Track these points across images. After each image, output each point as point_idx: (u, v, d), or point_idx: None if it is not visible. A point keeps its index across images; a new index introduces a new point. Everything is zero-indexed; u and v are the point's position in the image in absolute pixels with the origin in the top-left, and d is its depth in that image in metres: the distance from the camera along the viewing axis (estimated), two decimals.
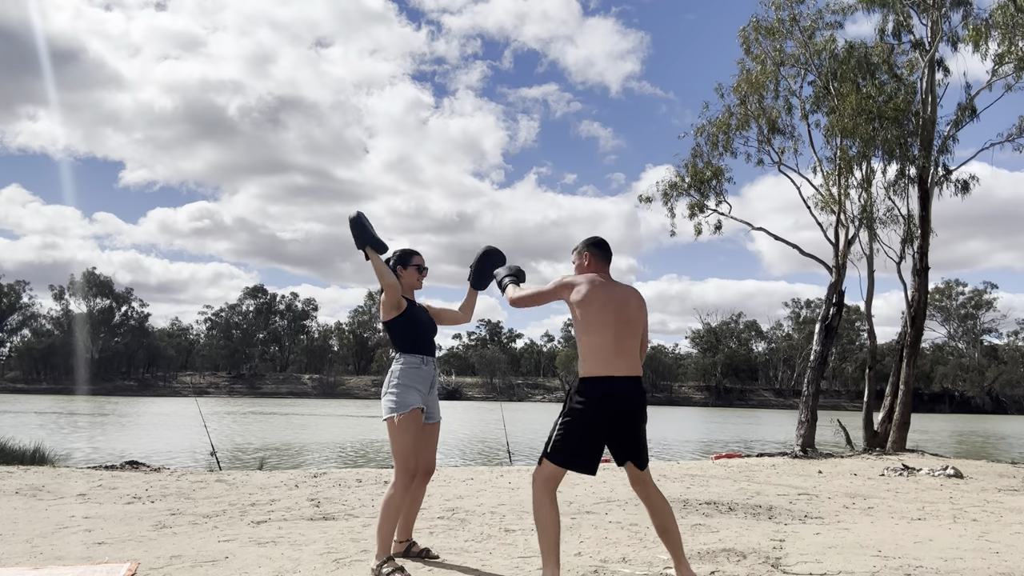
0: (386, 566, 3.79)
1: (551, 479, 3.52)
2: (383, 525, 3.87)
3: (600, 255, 3.79)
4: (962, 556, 4.61)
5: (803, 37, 15.04)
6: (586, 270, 3.77)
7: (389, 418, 3.93)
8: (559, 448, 3.51)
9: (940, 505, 7.04)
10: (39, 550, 4.41)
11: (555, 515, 3.50)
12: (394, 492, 3.87)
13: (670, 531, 3.61)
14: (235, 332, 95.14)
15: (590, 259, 3.78)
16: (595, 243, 3.82)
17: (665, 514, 3.61)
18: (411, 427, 3.91)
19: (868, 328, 16.07)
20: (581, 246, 3.84)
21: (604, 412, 3.50)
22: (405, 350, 4.04)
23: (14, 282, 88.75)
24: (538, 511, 3.49)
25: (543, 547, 3.48)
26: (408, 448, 3.89)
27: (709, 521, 5.76)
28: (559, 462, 3.51)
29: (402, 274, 4.22)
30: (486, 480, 8.39)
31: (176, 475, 8.45)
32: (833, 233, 14.77)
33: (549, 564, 3.46)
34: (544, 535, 3.47)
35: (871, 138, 14.20)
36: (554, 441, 3.53)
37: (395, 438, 3.91)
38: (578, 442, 3.50)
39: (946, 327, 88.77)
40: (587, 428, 3.49)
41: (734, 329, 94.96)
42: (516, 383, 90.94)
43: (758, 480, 8.95)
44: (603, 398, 3.49)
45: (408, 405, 3.91)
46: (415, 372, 4.00)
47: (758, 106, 15.45)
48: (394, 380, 3.99)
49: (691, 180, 15.81)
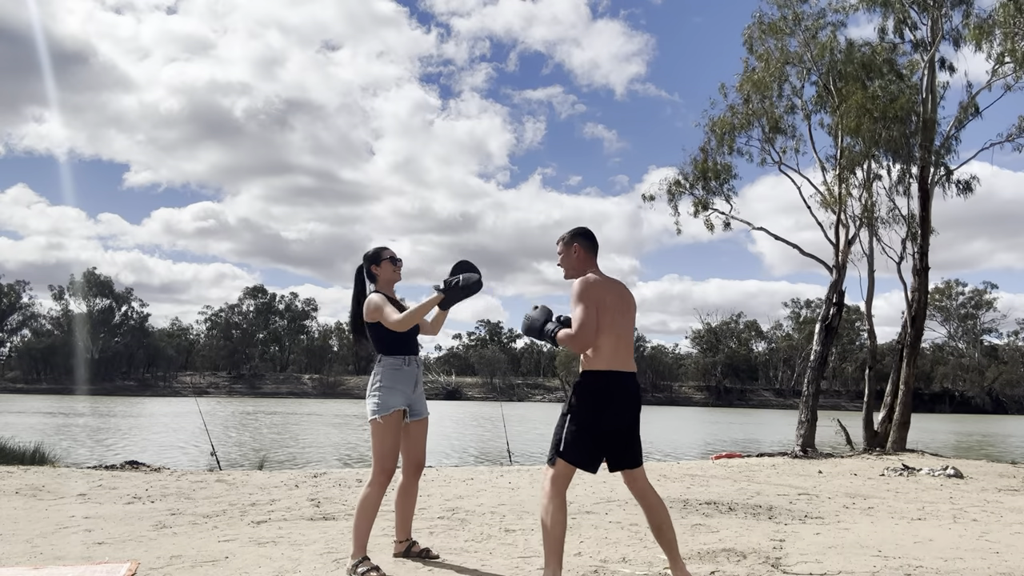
0: (361, 566, 3.82)
1: (564, 478, 3.51)
2: (359, 524, 3.90)
3: (589, 246, 3.71)
4: (962, 556, 4.61)
5: (805, 36, 15.03)
6: (577, 262, 3.69)
7: (373, 419, 3.96)
8: (571, 446, 3.49)
9: (940, 505, 7.04)
10: (39, 550, 4.40)
11: (565, 515, 3.50)
12: (371, 491, 3.91)
13: (664, 530, 3.59)
14: (235, 332, 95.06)
15: (580, 251, 3.70)
16: (583, 234, 3.73)
17: (660, 512, 3.58)
18: (393, 429, 3.95)
19: (868, 328, 16.07)
20: (568, 237, 3.73)
21: (611, 406, 3.50)
22: (387, 352, 4.05)
23: (14, 282, 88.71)
24: (550, 511, 3.46)
25: (549, 547, 3.46)
26: (387, 449, 3.93)
27: (709, 521, 5.76)
28: (572, 460, 3.50)
29: (378, 272, 4.21)
30: (486, 480, 8.39)
31: (176, 475, 8.45)
32: (833, 233, 14.76)
33: (552, 564, 3.45)
34: (551, 535, 3.46)
35: (874, 138, 14.21)
36: (565, 439, 3.50)
37: (377, 439, 3.95)
38: (588, 438, 3.49)
39: (946, 327, 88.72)
40: (596, 423, 3.48)
41: (734, 329, 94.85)
42: (516, 383, 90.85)
43: (758, 480, 8.94)
44: (610, 391, 3.49)
45: (390, 407, 3.94)
46: (397, 373, 4.02)
47: (760, 105, 15.45)
48: (376, 382, 4.01)
49: (696, 175, 15.79)
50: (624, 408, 3.52)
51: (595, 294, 3.50)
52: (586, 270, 3.65)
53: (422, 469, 4.23)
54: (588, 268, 3.67)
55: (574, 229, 3.74)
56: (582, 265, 3.68)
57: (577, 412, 3.50)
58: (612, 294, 3.57)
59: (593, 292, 3.50)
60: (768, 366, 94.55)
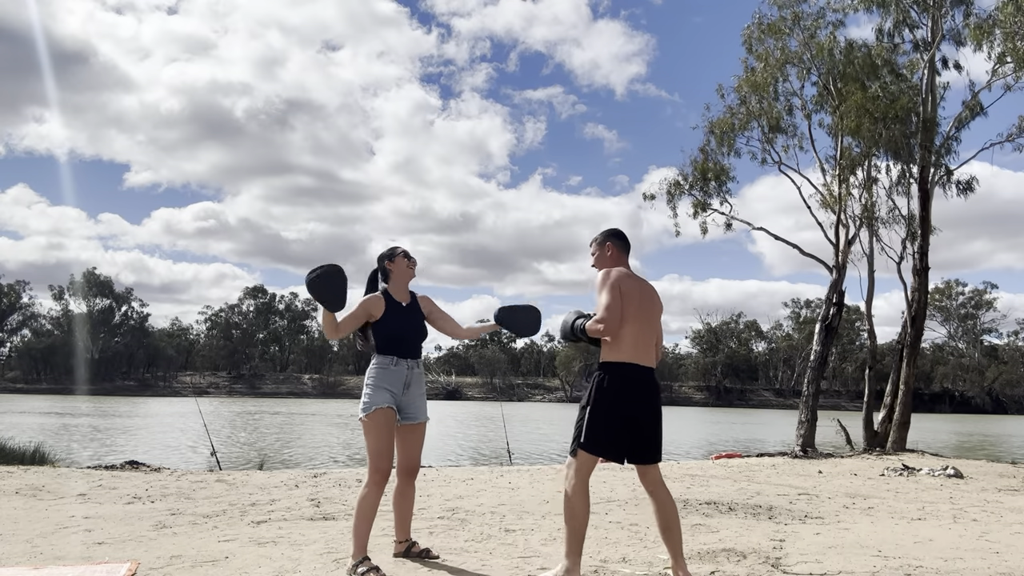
0: (361, 566, 3.82)
1: (586, 468, 3.59)
2: (359, 525, 3.91)
3: (622, 246, 3.88)
4: (962, 556, 4.61)
5: (804, 36, 15.02)
6: (608, 261, 3.81)
7: (360, 418, 4.00)
8: (592, 436, 3.56)
9: (940, 505, 7.04)
10: (39, 550, 4.40)
11: (588, 506, 3.57)
12: (367, 491, 3.92)
13: (672, 529, 3.64)
14: (235, 332, 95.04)
15: (612, 250, 3.84)
16: (616, 234, 3.89)
17: (669, 511, 3.64)
18: (380, 426, 3.95)
19: (868, 328, 16.08)
20: (601, 237, 3.89)
21: (630, 396, 3.57)
22: (378, 351, 4.10)
23: (14, 282, 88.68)
24: (574, 501, 3.53)
25: (572, 537, 3.52)
26: (376, 447, 3.94)
27: (709, 521, 5.76)
28: (593, 450, 3.57)
29: (392, 267, 4.22)
30: (486, 480, 8.39)
31: (176, 475, 8.45)
32: (833, 233, 14.76)
33: (573, 554, 3.51)
34: (574, 526, 3.52)
35: (874, 138, 14.20)
36: (587, 430, 3.56)
37: (367, 437, 3.98)
38: (609, 428, 3.56)
39: (946, 327, 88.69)
40: (616, 412, 3.55)
41: (734, 329, 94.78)
42: (516, 383, 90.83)
43: (758, 480, 8.94)
44: (629, 382, 3.58)
45: (373, 405, 3.96)
46: (385, 372, 4.04)
47: (759, 105, 15.44)
48: (367, 381, 4.06)
49: (695, 176, 15.79)
50: (643, 399, 3.60)
51: (618, 282, 3.62)
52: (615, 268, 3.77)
53: (416, 473, 4.22)
54: (620, 266, 3.78)
55: (607, 230, 3.91)
56: (615, 264, 3.79)
57: (598, 402, 3.57)
58: (636, 287, 3.67)
59: (616, 280, 3.62)
60: (768, 366, 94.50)
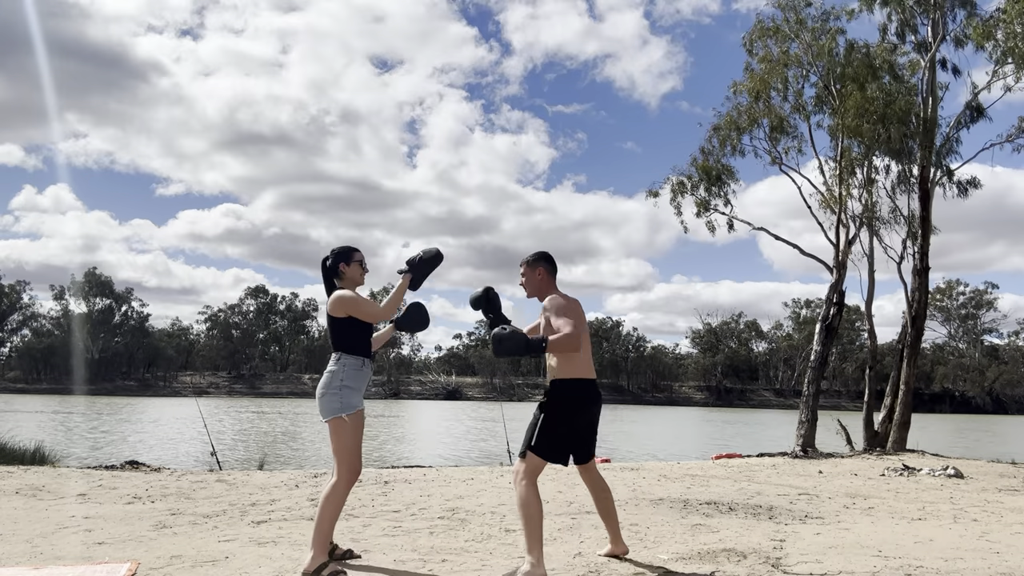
0: (326, 568, 3.81)
1: (537, 471, 3.91)
2: (324, 525, 3.89)
3: (552, 270, 4.19)
4: (962, 556, 4.61)
5: (808, 39, 15.00)
6: (541, 283, 4.15)
7: (337, 418, 3.95)
8: (545, 443, 3.91)
9: (940, 505, 7.03)
10: (39, 550, 4.40)
11: (541, 506, 3.87)
12: (342, 490, 3.94)
13: (612, 512, 4.25)
14: (235, 332, 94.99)
15: (544, 274, 4.17)
16: (547, 258, 4.20)
17: (608, 497, 4.22)
18: (358, 426, 4.00)
19: (868, 328, 16.07)
20: (532, 259, 4.18)
21: (587, 409, 4.02)
22: (349, 351, 4.04)
23: (15, 282, 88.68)
24: (527, 502, 3.82)
25: (531, 536, 3.77)
26: (353, 446, 3.97)
27: (709, 521, 5.76)
28: (545, 456, 3.92)
29: (345, 270, 4.16)
30: (486, 480, 8.38)
31: (176, 475, 8.44)
32: (834, 233, 14.75)
33: (535, 551, 3.74)
34: (531, 525, 3.78)
35: (875, 139, 14.20)
36: (539, 436, 3.91)
37: (342, 437, 3.95)
38: (562, 436, 3.95)
39: (946, 327, 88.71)
40: (571, 423, 3.99)
41: (734, 329, 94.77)
42: (516, 383, 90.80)
43: (758, 480, 8.94)
44: (587, 397, 4.00)
45: (354, 406, 3.99)
46: (358, 373, 4.04)
47: (758, 106, 15.44)
48: (337, 381, 3.99)
49: (700, 175, 15.81)
50: (594, 410, 4.06)
51: (573, 306, 4.03)
52: (549, 291, 4.13)
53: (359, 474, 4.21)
54: (551, 289, 4.14)
55: (537, 253, 4.22)
56: (545, 286, 4.15)
57: (556, 414, 3.96)
58: (581, 310, 4.07)
59: (571, 304, 4.04)
60: (768, 366, 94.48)
